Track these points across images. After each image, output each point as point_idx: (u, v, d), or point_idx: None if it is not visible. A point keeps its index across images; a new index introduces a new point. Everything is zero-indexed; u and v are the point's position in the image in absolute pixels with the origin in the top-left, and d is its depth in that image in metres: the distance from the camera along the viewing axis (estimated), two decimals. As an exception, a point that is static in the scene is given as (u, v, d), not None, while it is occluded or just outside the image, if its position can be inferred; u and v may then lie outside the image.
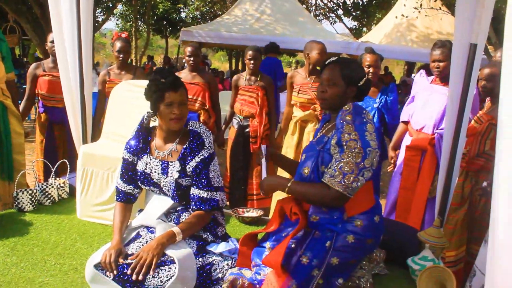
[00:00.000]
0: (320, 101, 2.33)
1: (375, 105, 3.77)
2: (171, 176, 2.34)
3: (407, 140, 3.61)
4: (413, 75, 16.58)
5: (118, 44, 4.11)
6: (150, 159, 2.39)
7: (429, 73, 3.71)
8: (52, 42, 3.87)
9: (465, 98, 2.66)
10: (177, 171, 2.32)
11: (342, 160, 2.04)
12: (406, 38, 11.22)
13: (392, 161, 3.78)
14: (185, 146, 2.35)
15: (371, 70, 3.76)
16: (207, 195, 2.34)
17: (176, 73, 4.17)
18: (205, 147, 2.34)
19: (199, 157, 2.32)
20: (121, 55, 4.11)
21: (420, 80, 3.68)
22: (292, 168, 2.52)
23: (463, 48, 2.60)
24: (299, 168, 2.29)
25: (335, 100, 2.23)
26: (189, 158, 2.32)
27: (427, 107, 3.45)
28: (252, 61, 4.15)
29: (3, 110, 3.51)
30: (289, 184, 2.18)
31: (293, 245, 2.16)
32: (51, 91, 4.16)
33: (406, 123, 3.67)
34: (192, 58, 4.20)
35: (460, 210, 3.12)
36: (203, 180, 2.33)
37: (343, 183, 2.02)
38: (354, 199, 2.12)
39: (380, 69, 3.91)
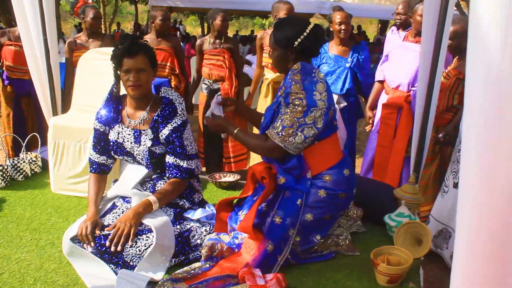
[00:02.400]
0: None
1: (347, 65, 3.74)
2: (144, 145, 2.29)
3: (383, 99, 3.61)
4: (387, 33, 16.51)
5: (91, 11, 4.01)
6: (122, 128, 2.34)
7: (400, 28, 3.71)
8: None
9: (438, 53, 2.65)
10: (149, 139, 2.28)
11: (284, 114, 2.09)
12: (379, -5, 11.15)
13: (370, 121, 3.79)
14: (156, 113, 2.30)
15: (342, 27, 3.71)
16: (182, 163, 2.31)
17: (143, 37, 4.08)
18: (178, 114, 2.29)
19: (171, 125, 2.27)
20: (98, 22, 4.05)
21: (392, 37, 3.66)
22: (253, 117, 2.61)
23: (435, 1, 2.57)
24: (260, 129, 2.33)
25: (278, 64, 2.28)
26: (161, 126, 2.28)
27: (401, 65, 3.44)
28: (223, 23, 4.07)
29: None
30: (235, 131, 2.27)
31: (265, 207, 2.18)
32: (17, 62, 3.99)
33: (382, 82, 3.67)
34: (161, 23, 4.09)
35: (432, 164, 3.17)
36: (177, 148, 2.29)
37: (280, 134, 2.09)
38: (318, 157, 2.18)
39: (351, 26, 3.89)
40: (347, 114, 3.81)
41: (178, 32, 16.17)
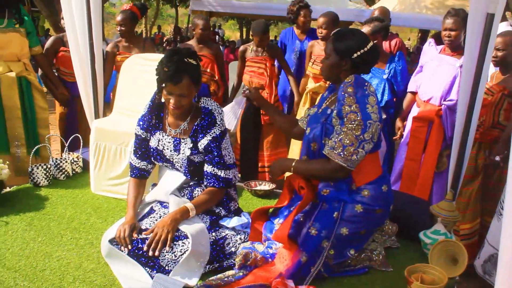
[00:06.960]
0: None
1: (384, 76, 3.70)
2: (183, 153, 2.34)
3: (414, 111, 3.56)
4: (424, 45, 16.24)
5: (118, 17, 4.15)
6: (163, 136, 2.40)
7: (438, 42, 3.62)
8: None
9: (481, 69, 2.60)
10: (188, 148, 2.33)
11: (342, 132, 2.06)
12: (420, 4, 10.94)
13: (398, 132, 3.74)
14: (196, 123, 2.34)
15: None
16: (220, 172, 2.35)
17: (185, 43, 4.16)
18: (217, 125, 2.33)
19: (210, 135, 2.31)
20: (121, 27, 4.14)
21: (428, 49, 3.60)
22: (284, 119, 2.70)
23: (479, 18, 2.53)
24: (305, 141, 2.31)
25: (329, 72, 2.28)
26: (200, 136, 2.32)
27: (435, 77, 3.38)
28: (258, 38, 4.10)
29: (27, 86, 3.56)
30: (293, 164, 2.24)
31: (301, 218, 2.19)
32: (68, 66, 4.11)
33: (414, 93, 3.61)
34: (202, 32, 4.17)
35: (474, 182, 3.10)
36: (215, 158, 2.33)
37: (342, 155, 2.05)
38: (361, 170, 2.16)
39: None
40: (387, 126, 3.76)
41: (217, 36, 16.36)
